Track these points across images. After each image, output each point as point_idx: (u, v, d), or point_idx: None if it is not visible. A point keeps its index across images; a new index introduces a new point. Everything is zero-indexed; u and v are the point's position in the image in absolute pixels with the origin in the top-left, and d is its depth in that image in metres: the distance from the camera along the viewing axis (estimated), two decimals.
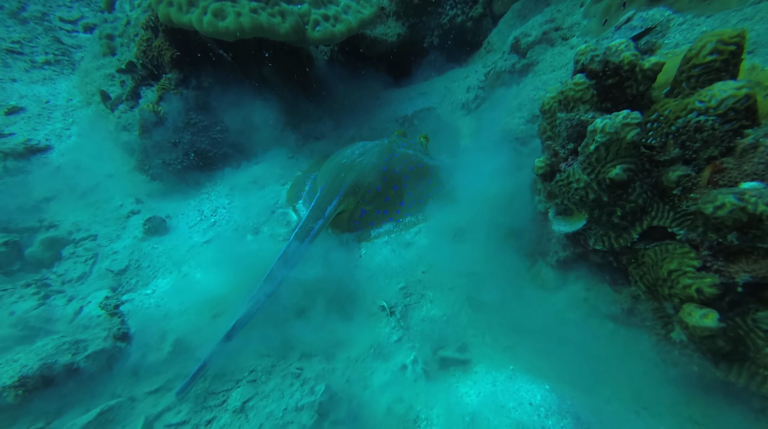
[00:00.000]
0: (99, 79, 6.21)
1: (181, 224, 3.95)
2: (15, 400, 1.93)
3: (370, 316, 2.85)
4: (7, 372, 1.99)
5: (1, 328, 2.79)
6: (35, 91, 6.21)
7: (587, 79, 2.03)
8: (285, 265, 2.89)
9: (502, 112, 4.02)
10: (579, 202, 2.09)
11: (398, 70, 6.66)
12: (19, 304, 3.06)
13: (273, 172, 4.62)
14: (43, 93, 6.23)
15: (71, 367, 2.10)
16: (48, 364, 2.05)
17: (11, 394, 1.92)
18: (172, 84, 4.58)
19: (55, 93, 6.33)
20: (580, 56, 2.06)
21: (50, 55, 6.92)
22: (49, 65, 6.79)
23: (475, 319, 2.66)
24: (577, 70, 2.11)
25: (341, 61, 6.79)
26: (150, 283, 3.35)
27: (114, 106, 5.37)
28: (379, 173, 3.60)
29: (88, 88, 6.25)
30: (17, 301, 3.09)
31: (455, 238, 3.27)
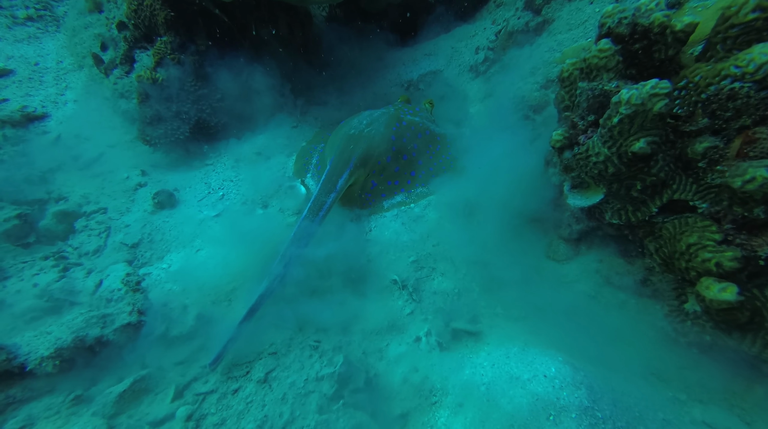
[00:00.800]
0: (88, 39, 5.88)
1: (189, 197, 3.94)
2: (54, 369, 2.05)
3: (383, 290, 2.91)
4: (44, 344, 2.09)
5: (28, 300, 2.88)
6: (21, 52, 5.91)
7: (613, 44, 1.91)
8: (301, 240, 2.91)
9: (515, 77, 3.84)
10: (597, 176, 2.05)
11: (402, 28, 6.28)
12: (41, 276, 3.14)
13: (277, 142, 4.52)
14: (31, 53, 5.93)
15: (101, 340, 2.20)
16: (80, 336, 2.14)
17: (50, 363, 2.04)
18: (168, 48, 4.35)
19: (42, 54, 6.02)
20: (606, 19, 1.92)
21: (31, 10, 6.49)
22: (32, 21, 6.40)
23: (486, 291, 2.72)
24: (602, 35, 1.98)
25: (341, 19, 6.38)
26: (164, 256, 3.41)
27: (108, 70, 5.15)
28: (388, 143, 3.52)
29: (78, 50, 5.95)
30: (38, 274, 3.17)
31: (465, 210, 3.26)
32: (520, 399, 1.79)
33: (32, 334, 2.19)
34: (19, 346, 2.06)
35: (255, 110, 4.80)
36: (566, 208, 2.45)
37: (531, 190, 2.95)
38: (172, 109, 4.50)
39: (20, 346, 2.07)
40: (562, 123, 2.28)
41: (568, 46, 3.30)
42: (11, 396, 1.99)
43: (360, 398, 2.19)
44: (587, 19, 3.17)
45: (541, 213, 2.80)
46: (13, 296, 2.81)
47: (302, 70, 5.32)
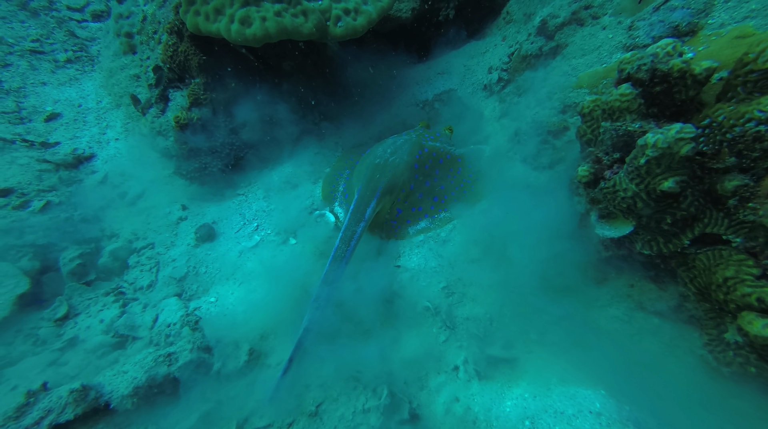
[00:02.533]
0: (125, 80, 6.35)
1: (227, 229, 4.19)
2: (132, 407, 2.29)
3: (416, 316, 3.04)
4: (123, 383, 2.35)
5: (98, 335, 3.19)
6: (66, 95, 6.42)
7: (633, 88, 1.99)
8: (336, 268, 3.08)
9: (531, 100, 3.91)
10: (626, 210, 2.13)
11: (413, 47, 6.42)
12: (105, 312, 3.45)
13: (303, 170, 4.74)
14: (74, 95, 6.43)
15: (168, 377, 2.44)
16: (152, 375, 2.39)
17: (129, 402, 2.28)
18: (201, 89, 4.66)
19: (84, 95, 6.51)
20: (626, 65, 2.00)
21: (70, 52, 7.02)
22: (71, 63, 6.92)
23: (517, 316, 2.79)
24: (622, 79, 2.06)
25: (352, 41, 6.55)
26: (210, 289, 3.66)
27: (145, 109, 5.53)
28: (411, 171, 3.67)
29: (115, 90, 6.41)
30: (102, 310, 3.48)
31: (490, 232, 3.35)
32: None
33: (111, 374, 2.46)
34: (103, 386, 2.32)
35: (279, 139, 5.05)
36: (594, 236, 2.52)
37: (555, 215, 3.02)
38: (206, 145, 4.80)
39: (104, 385, 2.33)
40: (585, 156, 2.37)
41: (582, 71, 3.35)
42: None
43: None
44: (600, 45, 3.22)
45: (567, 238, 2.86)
46: (85, 332, 3.12)
47: (319, 96, 5.54)
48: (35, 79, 6.60)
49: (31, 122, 5.82)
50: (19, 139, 5.29)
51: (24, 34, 7.05)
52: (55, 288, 3.66)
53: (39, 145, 5.32)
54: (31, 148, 5.22)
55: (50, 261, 3.85)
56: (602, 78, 3.01)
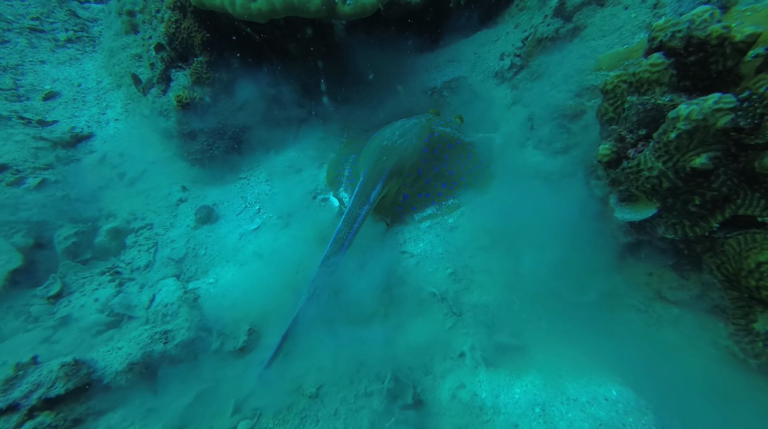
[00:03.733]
0: (126, 60, 6.20)
1: (228, 212, 4.08)
2: (127, 383, 2.19)
3: (422, 302, 2.94)
4: (117, 359, 2.25)
5: (92, 314, 3.08)
6: (65, 74, 6.27)
7: (666, 57, 1.87)
8: (337, 251, 2.97)
9: (545, 85, 3.78)
10: (650, 191, 2.01)
11: (423, 34, 6.28)
12: (100, 291, 3.34)
13: (307, 154, 4.62)
14: (73, 75, 6.28)
15: (165, 354, 2.33)
16: (147, 352, 2.29)
17: (123, 378, 2.18)
18: (204, 68, 4.53)
19: (84, 75, 6.36)
20: (658, 32, 1.88)
21: (70, 32, 6.86)
22: (71, 43, 6.77)
23: (527, 303, 2.69)
24: (653, 48, 1.93)
25: (359, 26, 6.42)
26: (209, 271, 3.55)
27: (146, 89, 5.40)
28: (420, 155, 3.55)
29: (116, 70, 6.27)
30: (98, 288, 3.37)
31: (500, 219, 3.25)
32: (581, 423, 1.78)
33: (105, 350, 2.35)
34: (96, 361, 2.22)
35: (284, 122, 4.92)
36: (612, 221, 2.41)
37: (569, 201, 2.91)
38: (208, 126, 4.67)
39: (97, 360, 2.23)
40: (607, 135, 2.25)
41: (602, 52, 3.22)
42: (91, 407, 2.15)
43: (409, 415, 2.22)
44: (622, 25, 3.09)
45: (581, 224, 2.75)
46: (79, 311, 3.01)
47: (326, 81, 5.40)
48: (34, 57, 6.44)
49: (29, 100, 5.68)
50: (16, 116, 5.15)
51: (24, 11, 6.90)
52: (49, 266, 3.54)
53: (36, 123, 5.19)
54: (28, 125, 5.08)
55: (45, 239, 3.73)
56: (623, 59, 2.89)
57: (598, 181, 2.45)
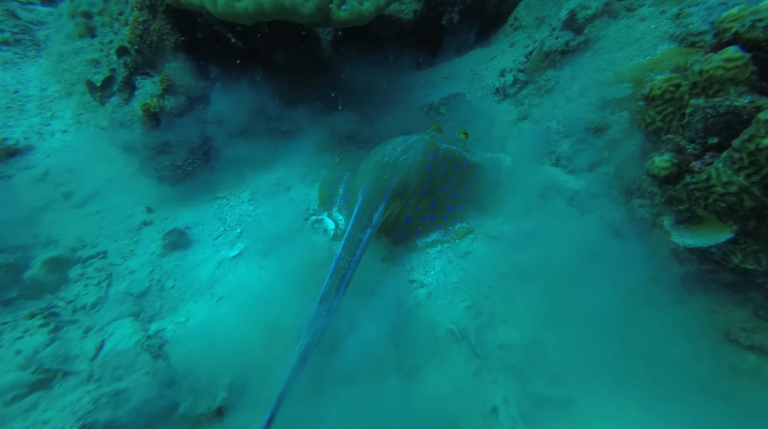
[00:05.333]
0: (79, 65, 5.53)
1: (203, 236, 3.49)
2: None
3: (437, 342, 2.53)
4: None
5: (10, 372, 2.35)
6: None
7: (744, 51, 1.64)
8: (338, 284, 2.49)
9: (559, 98, 3.61)
10: (725, 211, 1.74)
11: (415, 52, 6.13)
12: (26, 339, 2.61)
13: (296, 172, 4.16)
14: (8, 80, 5.50)
15: (113, 425, 1.70)
16: (87, 424, 1.65)
17: None
18: (177, 75, 4.02)
19: (23, 81, 5.59)
20: (732, 23, 1.67)
21: (7, 33, 6.06)
22: (8, 46, 5.96)
23: (562, 343, 2.31)
24: (723, 43, 1.71)
25: (347, 42, 6.19)
26: (178, 307, 2.93)
27: (104, 98, 4.78)
28: (425, 174, 3.20)
29: (66, 76, 5.56)
30: (23, 337, 2.64)
31: (521, 242, 2.91)
32: None
33: (22, 427, 1.69)
34: None
35: (269, 138, 4.45)
36: (663, 247, 2.11)
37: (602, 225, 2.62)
38: (181, 139, 4.11)
39: None
40: (662, 147, 1.98)
41: (620, 65, 3.10)
42: None
43: None
44: (641, 37, 3.00)
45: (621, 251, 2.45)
46: None
47: (317, 95, 5.04)
48: None
49: None
50: None
51: None
52: None
53: None
54: None
55: None
56: (647, 71, 2.74)
57: (643, 199, 2.17)
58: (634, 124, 2.71)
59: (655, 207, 2.10)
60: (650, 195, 2.12)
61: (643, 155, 2.26)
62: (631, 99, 2.86)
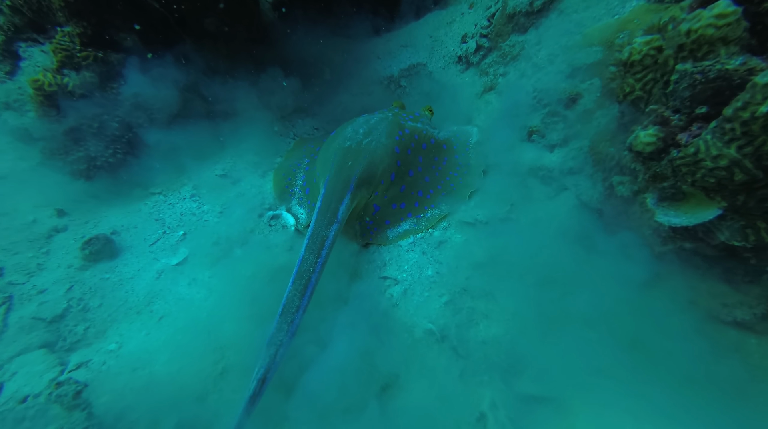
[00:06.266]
0: None
1: (137, 241, 2.95)
2: None
3: (416, 344, 2.33)
4: None
5: None
6: None
7: (736, 5, 1.47)
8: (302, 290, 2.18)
9: (526, 66, 3.39)
10: (714, 186, 1.63)
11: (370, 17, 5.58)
12: None
13: (245, 160, 3.65)
14: None
15: None
16: None
17: None
18: (75, 43, 3.25)
19: None
20: None
21: None
22: None
23: (546, 335, 2.20)
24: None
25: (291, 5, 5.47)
26: (108, 330, 2.45)
27: None
28: (392, 157, 2.88)
29: None
30: None
31: (495, 228, 2.73)
32: None
33: None
34: None
35: (209, 122, 3.85)
36: (644, 226, 2.02)
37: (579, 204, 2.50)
38: (96, 125, 3.41)
39: None
40: (646, 120, 1.82)
41: (589, 26, 2.91)
42: None
43: None
44: None
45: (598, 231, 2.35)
46: None
47: (261, 69, 4.41)
48: None
49: None
50: None
51: None
52: None
53: None
54: None
55: None
56: (617, 31, 2.57)
57: (622, 176, 2.04)
58: (606, 92, 2.56)
59: (636, 184, 1.98)
60: (631, 171, 1.99)
61: (621, 128, 2.11)
62: (601, 64, 2.70)
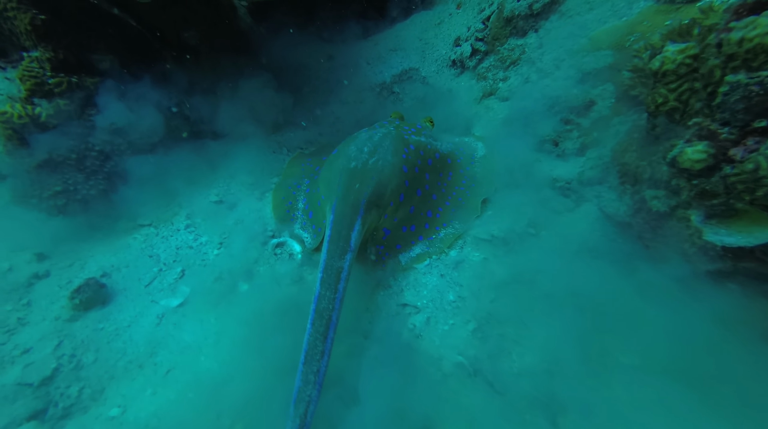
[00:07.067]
0: None
1: (130, 283, 2.70)
2: None
3: (446, 378, 2.18)
4: None
5: None
6: None
7: None
8: (324, 332, 2.01)
9: (528, 71, 3.28)
10: None
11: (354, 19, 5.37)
12: None
13: (239, 181, 3.43)
14: None
15: None
16: None
17: None
18: (47, 68, 2.96)
19: None
20: None
21: None
22: None
23: (585, 363, 2.06)
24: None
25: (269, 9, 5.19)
26: (107, 390, 2.22)
27: None
28: (400, 176, 2.72)
29: None
30: None
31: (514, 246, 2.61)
32: None
33: None
34: None
35: (196, 143, 3.60)
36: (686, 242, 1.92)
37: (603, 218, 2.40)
38: (72, 155, 3.12)
39: None
40: (691, 134, 1.72)
41: (593, 29, 2.81)
42: None
43: None
44: None
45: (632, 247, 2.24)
46: None
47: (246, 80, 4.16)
48: None
49: None
50: None
51: None
52: None
53: None
54: None
55: None
56: (627, 34, 2.48)
57: (657, 190, 1.94)
58: (622, 98, 2.47)
59: (673, 199, 1.88)
60: (668, 186, 1.89)
61: (651, 139, 2.01)
62: (613, 69, 2.61)
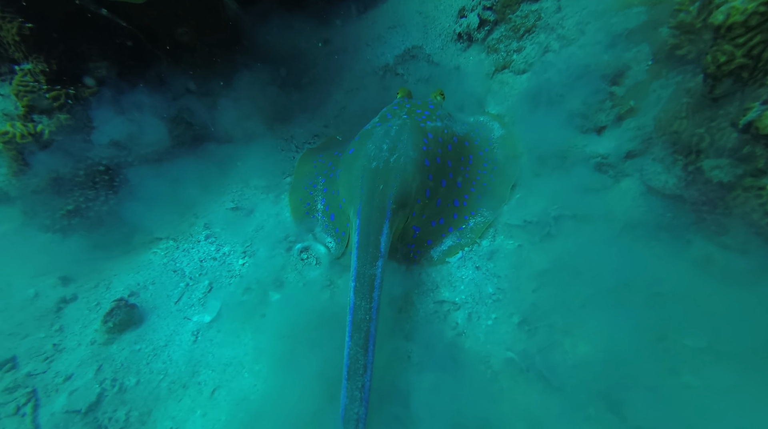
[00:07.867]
0: None
1: (160, 301, 2.64)
2: None
3: (497, 376, 2.12)
4: None
5: None
6: None
7: None
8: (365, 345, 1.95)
9: (549, 39, 3.06)
10: None
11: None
12: None
13: (252, 185, 3.31)
14: None
15: None
16: None
17: None
18: (42, 81, 2.80)
19: None
20: None
21: None
22: None
23: (648, 346, 1.98)
24: None
25: None
26: (154, 411, 2.20)
27: None
28: (424, 172, 2.58)
29: None
30: None
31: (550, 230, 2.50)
32: None
33: None
34: None
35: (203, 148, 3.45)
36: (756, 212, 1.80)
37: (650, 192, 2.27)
38: (80, 172, 3.01)
39: None
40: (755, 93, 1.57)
41: None
42: None
43: None
44: None
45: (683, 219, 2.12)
46: None
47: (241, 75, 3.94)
48: None
49: None
50: None
51: None
52: None
53: None
54: None
55: None
56: None
57: (719, 160, 1.81)
58: (661, 58, 2.29)
59: (738, 167, 1.75)
60: (734, 154, 1.75)
61: (708, 103, 1.86)
62: (647, 27, 2.40)
